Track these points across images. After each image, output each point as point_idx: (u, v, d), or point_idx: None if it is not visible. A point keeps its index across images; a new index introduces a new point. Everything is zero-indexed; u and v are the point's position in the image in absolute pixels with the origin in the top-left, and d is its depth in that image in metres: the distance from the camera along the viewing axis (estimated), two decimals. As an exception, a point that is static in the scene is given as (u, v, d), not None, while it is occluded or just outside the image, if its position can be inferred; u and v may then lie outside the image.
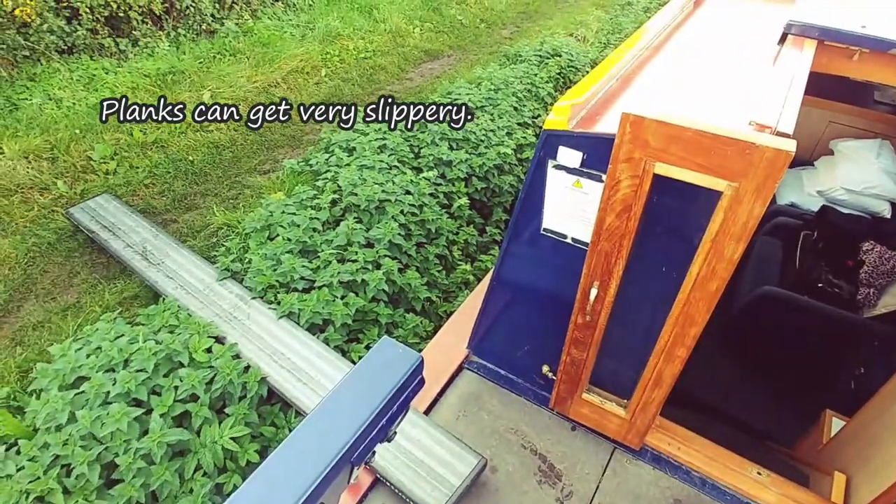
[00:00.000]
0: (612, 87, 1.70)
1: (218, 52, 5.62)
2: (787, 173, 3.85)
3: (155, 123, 4.64)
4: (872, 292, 3.06)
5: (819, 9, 1.81)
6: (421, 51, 6.35)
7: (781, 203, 3.77)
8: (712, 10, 2.55)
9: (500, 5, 7.68)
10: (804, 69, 1.51)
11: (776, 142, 1.12)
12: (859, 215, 3.49)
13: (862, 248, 3.23)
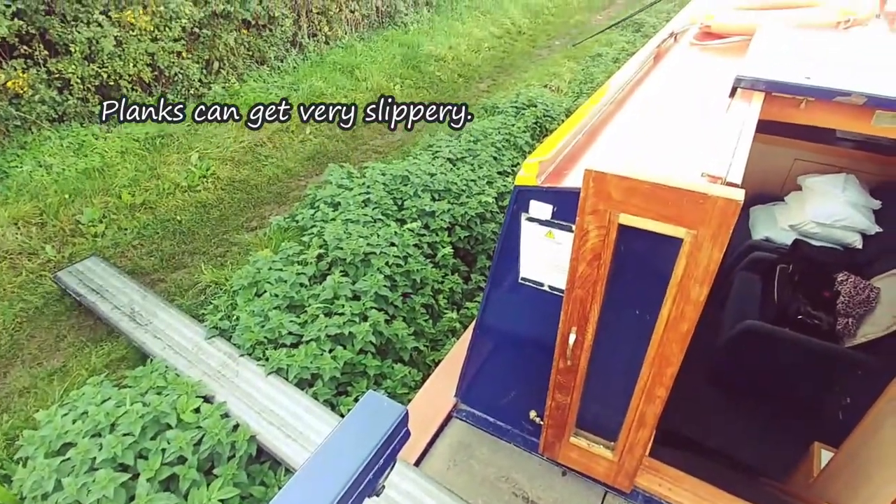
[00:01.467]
0: (578, 141, 1.83)
1: (206, 114, 5.80)
2: (761, 209, 4.01)
3: (143, 185, 4.74)
4: (851, 322, 3.13)
5: (766, 62, 1.94)
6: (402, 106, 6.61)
7: (757, 238, 3.88)
8: (670, 64, 2.73)
9: (477, 60, 8.07)
10: (752, 121, 1.63)
11: (726, 192, 1.23)
12: (832, 247, 3.60)
13: (837, 279, 3.32)
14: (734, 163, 1.36)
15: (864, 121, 1.73)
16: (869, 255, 3.42)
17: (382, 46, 7.57)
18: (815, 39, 2.20)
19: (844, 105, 1.71)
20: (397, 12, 8.38)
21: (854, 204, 3.56)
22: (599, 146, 1.78)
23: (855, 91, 1.66)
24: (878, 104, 1.65)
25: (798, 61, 1.94)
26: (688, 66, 2.60)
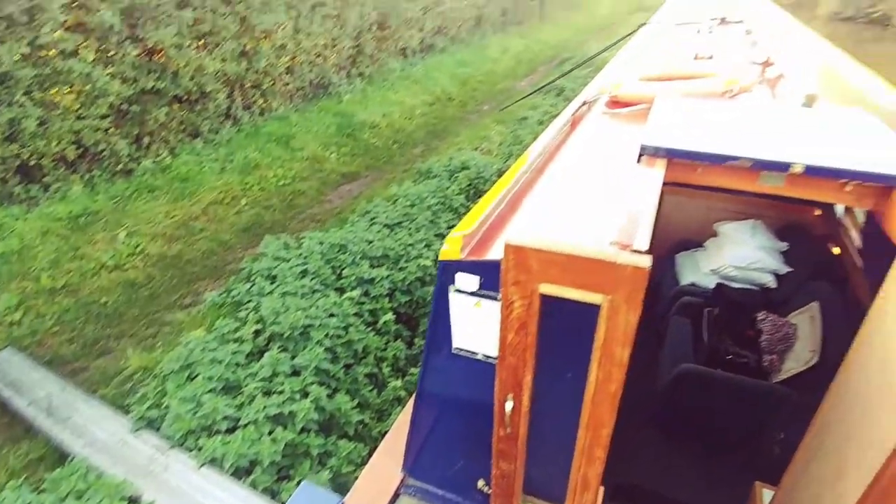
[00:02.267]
0: (500, 211, 1.92)
1: (135, 190, 5.65)
2: (686, 255, 4.27)
3: (65, 267, 4.49)
4: (775, 358, 3.31)
5: (666, 131, 2.13)
6: (338, 174, 6.72)
7: (684, 284, 4.07)
8: (584, 131, 2.94)
9: (410, 126, 8.39)
10: (656, 187, 1.78)
11: (633, 259, 1.33)
12: (750, 288, 3.84)
13: (757, 318, 3.54)
14: (640, 230, 1.48)
15: (752, 181, 1.93)
16: (783, 294, 3.66)
17: (317, 117, 7.74)
18: (707, 107, 2.46)
19: (735, 168, 1.90)
20: (331, 84, 8.65)
21: (764, 247, 3.86)
22: (520, 216, 1.88)
23: (742, 156, 1.85)
24: (763, 167, 1.85)
25: (693, 129, 2.15)
26: (600, 133, 2.81)
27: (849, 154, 1.83)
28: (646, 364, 3.49)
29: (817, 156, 1.82)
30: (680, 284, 4.03)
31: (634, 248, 1.40)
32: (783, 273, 3.77)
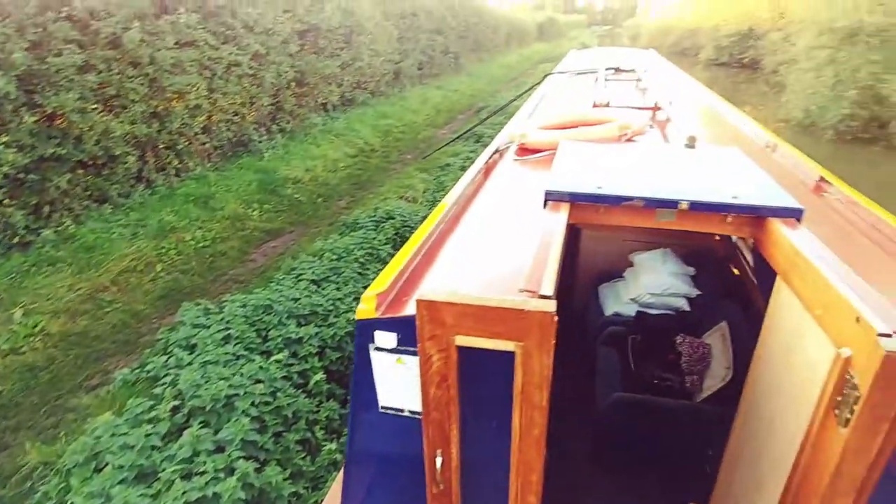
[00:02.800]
0: (416, 264, 1.94)
1: (33, 263, 5.20)
2: (607, 286, 4.46)
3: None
4: (696, 378, 3.47)
5: (568, 177, 2.26)
6: (262, 231, 6.55)
7: (608, 314, 4.22)
8: (497, 179, 3.06)
9: (334, 179, 8.40)
10: (561, 232, 1.87)
11: (540, 305, 1.38)
12: (667, 313, 4.04)
13: (676, 341, 3.72)
14: (546, 275, 1.54)
15: (649, 217, 2.07)
16: (696, 316, 3.88)
17: (237, 174, 7.58)
18: (605, 151, 2.65)
19: (631, 207, 2.04)
20: (251, 141, 8.54)
21: (675, 273, 4.10)
22: (435, 268, 1.91)
23: (636, 196, 2.00)
24: (655, 205, 2.00)
25: (593, 173, 2.30)
26: (510, 180, 2.93)
27: (727, 189, 2.03)
28: (581, 396, 3.57)
29: (700, 192, 2.00)
30: (605, 315, 4.20)
31: (541, 293, 1.46)
32: (694, 296, 4.01)
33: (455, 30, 18.89)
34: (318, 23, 9.81)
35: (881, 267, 1.83)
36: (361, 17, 11.46)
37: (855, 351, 1.27)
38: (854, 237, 2.07)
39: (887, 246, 1.96)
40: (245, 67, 7.89)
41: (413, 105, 13.67)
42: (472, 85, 18.30)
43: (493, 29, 25.32)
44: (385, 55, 13.19)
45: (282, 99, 9.28)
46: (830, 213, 2.34)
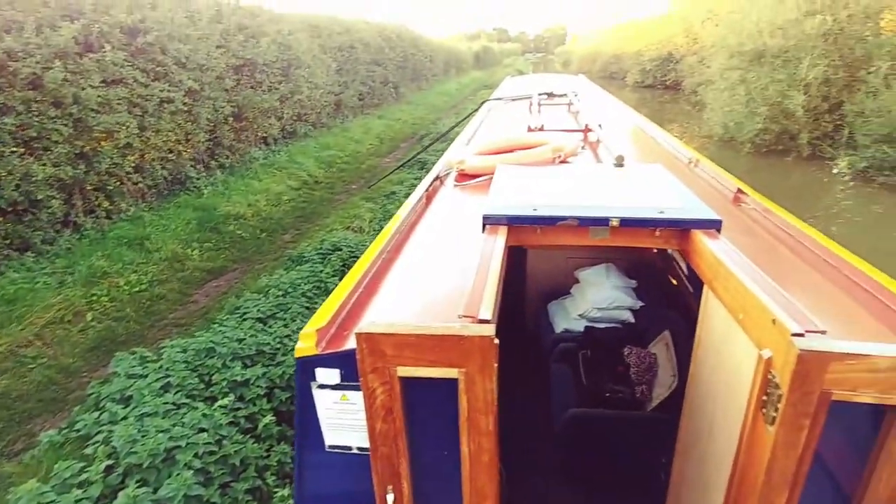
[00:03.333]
0: (358, 296, 1.92)
1: (-57, 323, 4.77)
2: (556, 304, 4.54)
3: None
4: (645, 388, 3.56)
5: (504, 200, 2.31)
6: (203, 271, 6.30)
7: (559, 331, 4.29)
8: (437, 206, 3.09)
9: (278, 213, 8.23)
10: (499, 254, 1.90)
11: (479, 330, 1.39)
12: (614, 326, 4.15)
13: (624, 353, 3.82)
14: (485, 300, 1.56)
15: (584, 236, 2.14)
16: (641, 327, 4.01)
17: (175, 213, 7.30)
18: (540, 173, 2.73)
19: (567, 226, 2.11)
20: (188, 178, 8.27)
21: (618, 287, 4.23)
22: (377, 300, 1.89)
23: (569, 216, 2.07)
24: (588, 223, 2.08)
25: (529, 195, 2.36)
26: (451, 207, 2.97)
27: (654, 205, 2.14)
28: (540, 413, 3.59)
29: (630, 209, 2.10)
30: (555, 332, 4.27)
31: (480, 318, 1.47)
32: (638, 308, 4.16)
33: (393, 60, 19.20)
34: (254, 57, 9.73)
35: (794, 270, 1.97)
36: (298, 51, 11.46)
37: (774, 352, 1.34)
38: (769, 243, 2.22)
39: (798, 249, 2.11)
40: (178, 104, 7.67)
41: (356, 135, 13.69)
42: (413, 113, 18.57)
43: (431, 59, 25.92)
44: (325, 87, 13.21)
45: (220, 134, 9.08)
46: (748, 221, 2.50)
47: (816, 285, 1.82)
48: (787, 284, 1.67)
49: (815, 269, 1.92)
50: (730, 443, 1.63)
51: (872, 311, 1.61)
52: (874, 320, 1.56)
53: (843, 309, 1.64)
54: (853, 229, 8.68)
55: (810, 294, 1.74)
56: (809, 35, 11.17)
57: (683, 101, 20.38)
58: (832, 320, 1.52)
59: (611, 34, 45.10)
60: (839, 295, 1.73)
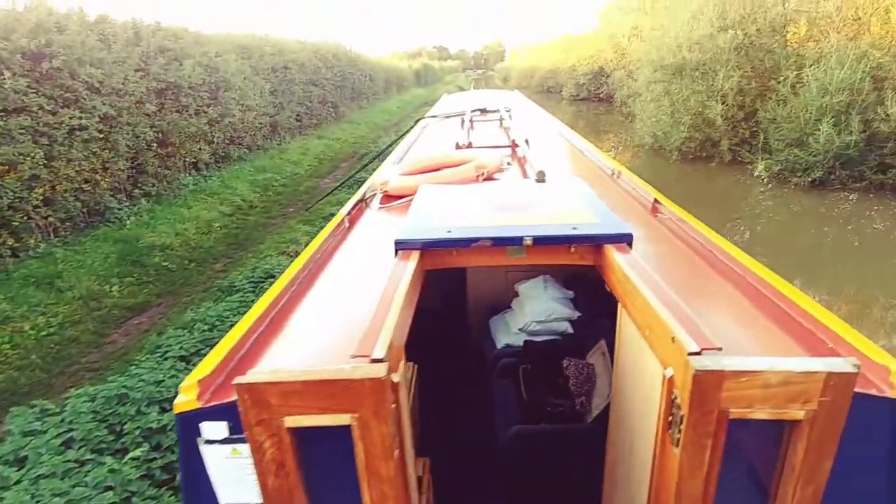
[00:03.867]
0: (255, 339, 1.75)
1: None
2: (497, 319, 4.48)
3: None
4: (584, 399, 3.53)
5: (419, 223, 2.22)
6: (123, 308, 5.86)
7: (500, 346, 4.23)
8: (361, 229, 2.96)
9: (209, 242, 7.83)
10: (406, 282, 1.79)
11: (370, 371, 1.27)
12: (553, 338, 4.12)
13: (563, 365, 3.78)
14: (382, 335, 1.45)
15: (501, 256, 2.09)
16: (579, 338, 4.00)
17: (92, 248, 6.80)
18: (461, 192, 2.66)
19: (482, 247, 2.04)
20: (108, 209, 7.75)
21: (556, 298, 4.22)
22: (276, 342, 1.74)
23: (483, 237, 2.01)
24: (502, 243, 2.02)
25: (444, 217, 2.28)
26: (372, 231, 2.85)
27: (569, 221, 2.11)
28: (486, 431, 3.50)
29: (544, 227, 2.06)
30: (497, 348, 4.21)
31: (373, 357, 1.36)
32: (576, 318, 4.16)
33: (331, 80, 19.00)
34: (178, 80, 9.32)
35: (701, 283, 1.97)
36: (227, 73, 11.10)
37: (675, 371, 1.30)
38: (680, 255, 2.24)
39: (709, 259, 2.13)
40: (93, 131, 7.20)
41: (293, 157, 13.37)
42: (354, 132, 18.41)
43: (371, 77, 25.89)
44: (258, 109, 12.85)
45: (143, 161, 8.60)
46: (663, 232, 2.52)
47: (722, 298, 1.82)
48: (693, 298, 1.66)
49: (723, 281, 1.94)
50: (646, 464, 1.59)
51: (776, 322, 1.61)
52: (777, 332, 1.56)
53: (747, 322, 1.64)
54: (774, 228, 9.20)
55: (715, 308, 1.73)
56: (723, 49, 11.89)
57: (617, 113, 21.24)
58: (734, 335, 1.51)
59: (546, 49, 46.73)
60: (744, 308, 1.73)
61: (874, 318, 6.10)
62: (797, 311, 1.60)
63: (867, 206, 9.32)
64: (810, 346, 1.45)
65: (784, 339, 1.51)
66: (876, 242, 8.16)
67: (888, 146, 9.53)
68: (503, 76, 74.06)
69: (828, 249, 8.09)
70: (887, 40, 10.22)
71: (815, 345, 1.46)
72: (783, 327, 1.57)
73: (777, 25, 12.15)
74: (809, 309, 1.56)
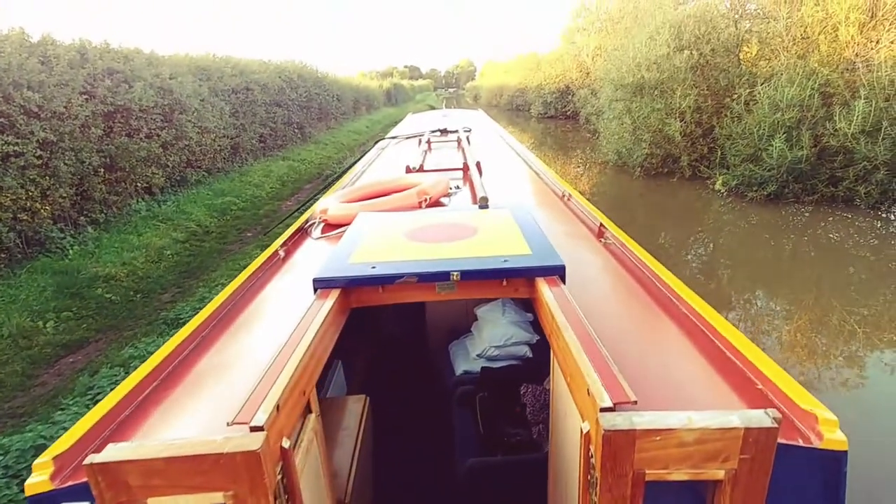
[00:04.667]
0: (135, 408, 1.53)
1: None
2: (457, 344, 4.31)
3: None
4: (542, 427, 3.38)
5: (341, 259, 2.05)
6: (57, 346, 5.47)
7: (459, 373, 4.07)
8: (296, 261, 2.77)
9: (158, 270, 7.47)
10: (315, 329, 1.62)
11: (242, 443, 1.09)
12: (512, 364, 3.98)
13: (521, 391, 3.64)
14: (268, 397, 1.26)
15: (431, 292, 1.93)
16: (538, 361, 3.88)
17: (28, 281, 6.39)
18: (398, 221, 2.51)
19: (408, 283, 1.88)
20: (49, 239, 7.34)
21: (515, 322, 4.09)
22: (161, 407, 1.53)
23: (407, 273, 1.85)
24: (427, 279, 1.86)
25: (370, 251, 2.12)
26: (304, 265, 2.67)
27: (502, 252, 1.97)
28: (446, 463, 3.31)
29: (474, 260, 1.91)
30: (456, 375, 4.05)
31: (253, 424, 1.17)
32: (535, 341, 4.03)
33: (296, 101, 18.80)
34: (127, 104, 8.99)
35: (636, 318, 1.85)
36: (182, 95, 10.80)
37: (590, 426, 1.17)
38: (620, 285, 2.12)
39: (647, 287, 2.03)
40: (30, 157, 6.83)
41: (255, 179, 13.07)
42: (320, 153, 18.19)
43: (339, 98, 25.77)
44: (217, 131, 12.54)
45: (89, 187, 8.22)
46: (606, 260, 2.41)
47: (654, 338, 1.70)
48: (621, 340, 1.54)
49: (657, 316, 1.82)
50: (573, 492, 1.44)
51: (707, 363, 1.50)
52: (705, 377, 1.44)
53: (676, 365, 1.52)
54: (735, 240, 9.33)
55: (643, 349, 1.61)
56: (680, 68, 12.17)
57: (583, 130, 21.60)
58: (658, 382, 1.38)
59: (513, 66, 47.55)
60: (675, 348, 1.61)
61: (832, 326, 6.16)
62: (731, 350, 1.49)
63: (821, 218, 9.55)
64: (742, 392, 1.34)
65: (713, 385, 1.39)
66: (831, 252, 8.34)
67: (838, 160, 9.82)
68: (473, 94, 75.12)
69: (786, 260, 8.22)
70: (835, 58, 10.59)
71: (745, 391, 1.35)
72: (714, 366, 1.46)
73: (730, 45, 12.53)
74: (743, 349, 1.46)
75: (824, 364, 5.37)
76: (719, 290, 7.36)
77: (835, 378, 5.07)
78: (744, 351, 1.44)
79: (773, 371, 1.34)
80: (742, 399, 1.30)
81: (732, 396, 1.32)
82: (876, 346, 5.55)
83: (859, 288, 7.00)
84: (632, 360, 1.45)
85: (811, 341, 5.83)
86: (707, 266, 8.47)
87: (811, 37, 11.10)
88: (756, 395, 1.31)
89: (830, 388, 4.91)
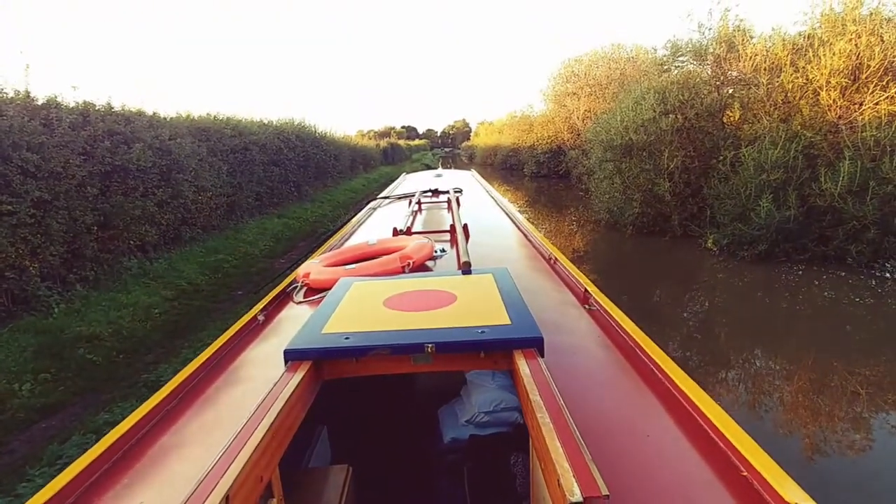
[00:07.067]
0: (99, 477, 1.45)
1: None
2: (446, 409, 4.16)
3: None
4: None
5: (314, 330, 1.99)
6: (32, 409, 5.25)
7: (447, 440, 3.91)
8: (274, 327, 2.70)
9: (144, 330, 7.32)
10: (280, 405, 1.55)
11: None
12: (502, 431, 3.82)
13: (511, 462, 3.47)
14: (216, 490, 1.17)
15: (407, 363, 1.87)
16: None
17: (8, 341, 6.22)
18: (378, 288, 2.47)
19: (382, 355, 1.82)
20: (36, 297, 7.24)
21: (504, 386, 3.96)
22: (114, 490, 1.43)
23: (381, 345, 1.79)
24: (401, 351, 1.80)
25: (345, 319, 2.06)
26: (284, 331, 2.60)
27: (479, 323, 1.92)
28: None
29: (450, 331, 1.86)
30: (444, 442, 3.89)
31: None
32: (525, 408, 3.88)
33: (293, 160, 19.20)
34: (125, 164, 9.14)
35: (615, 397, 1.78)
36: (180, 155, 11.01)
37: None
38: (600, 355, 2.06)
39: (629, 357, 1.97)
40: (23, 216, 6.85)
41: (249, 237, 13.11)
42: (316, 211, 18.39)
43: (336, 156, 26.36)
44: (214, 190, 12.71)
45: (81, 245, 8.20)
46: (589, 327, 2.36)
47: (635, 418, 1.62)
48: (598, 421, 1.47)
49: (640, 392, 1.76)
50: None
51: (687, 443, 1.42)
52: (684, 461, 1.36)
53: (655, 449, 1.44)
54: (730, 298, 9.30)
55: (624, 431, 1.53)
56: (666, 131, 12.57)
57: (576, 189, 22.04)
58: (635, 471, 1.30)
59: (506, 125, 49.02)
60: (657, 429, 1.54)
61: (834, 386, 6.03)
62: (714, 430, 1.42)
63: (814, 277, 9.57)
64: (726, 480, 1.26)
65: (695, 471, 1.31)
66: (827, 311, 8.30)
67: (826, 219, 9.95)
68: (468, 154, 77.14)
69: (782, 318, 8.16)
70: (817, 121, 10.93)
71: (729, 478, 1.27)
72: (696, 448, 1.39)
73: (713, 110, 13.00)
74: (726, 430, 1.39)
75: (829, 426, 5.21)
76: (717, 349, 7.26)
77: (841, 441, 4.92)
78: (726, 432, 1.37)
79: (757, 456, 1.28)
80: (727, 488, 1.23)
81: (716, 485, 1.25)
82: (881, 408, 5.41)
83: (860, 347, 6.92)
84: (610, 444, 1.37)
85: (813, 402, 5.69)
86: (703, 324, 8.39)
87: (792, 101, 11.54)
88: (740, 484, 1.24)
89: (837, 452, 4.75)
